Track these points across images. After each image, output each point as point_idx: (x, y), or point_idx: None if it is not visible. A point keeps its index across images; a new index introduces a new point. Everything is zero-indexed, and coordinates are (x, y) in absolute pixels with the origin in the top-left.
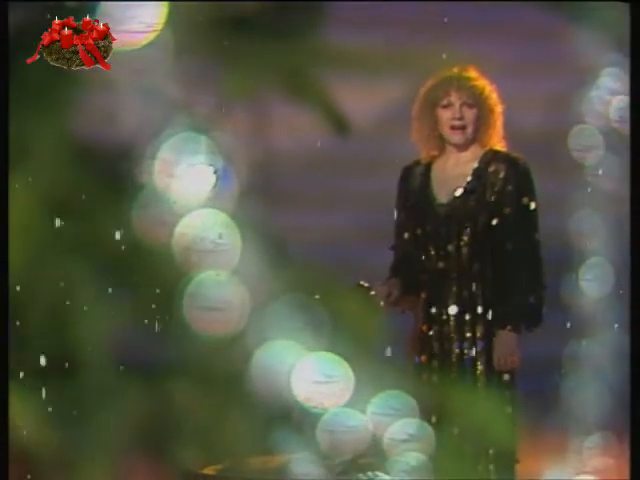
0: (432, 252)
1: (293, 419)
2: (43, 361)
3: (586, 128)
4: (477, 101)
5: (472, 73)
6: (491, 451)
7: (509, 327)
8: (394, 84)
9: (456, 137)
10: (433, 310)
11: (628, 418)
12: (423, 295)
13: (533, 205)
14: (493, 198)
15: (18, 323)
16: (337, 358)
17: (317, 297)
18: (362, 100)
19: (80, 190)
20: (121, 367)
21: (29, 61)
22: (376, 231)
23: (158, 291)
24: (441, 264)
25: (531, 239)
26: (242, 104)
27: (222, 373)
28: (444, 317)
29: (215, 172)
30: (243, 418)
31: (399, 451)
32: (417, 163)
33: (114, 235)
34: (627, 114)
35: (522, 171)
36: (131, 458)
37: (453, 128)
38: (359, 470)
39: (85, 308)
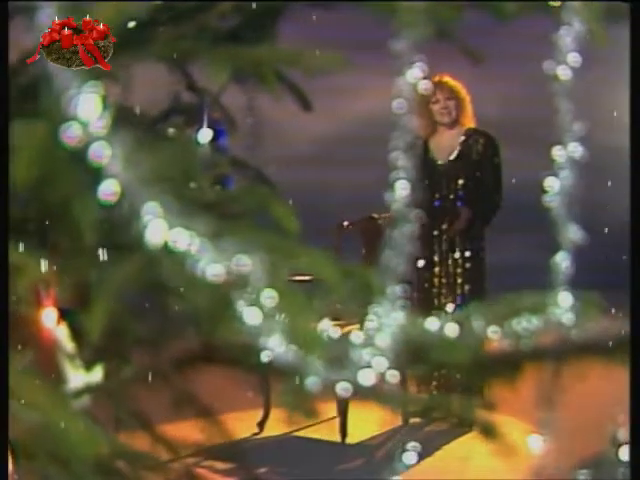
0: (436, 196)
1: None
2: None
3: (403, 97)
4: (454, 95)
5: (447, 78)
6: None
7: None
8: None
9: (446, 119)
10: (435, 233)
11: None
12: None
13: (498, 163)
14: (476, 159)
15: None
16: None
17: None
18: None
19: None
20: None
21: (29, 61)
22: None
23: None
24: (440, 203)
25: (498, 184)
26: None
27: None
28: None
29: (213, 131)
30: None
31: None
32: (417, 138)
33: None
34: (427, 86)
35: (493, 141)
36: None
37: (442, 114)
38: None
39: (81, 207)
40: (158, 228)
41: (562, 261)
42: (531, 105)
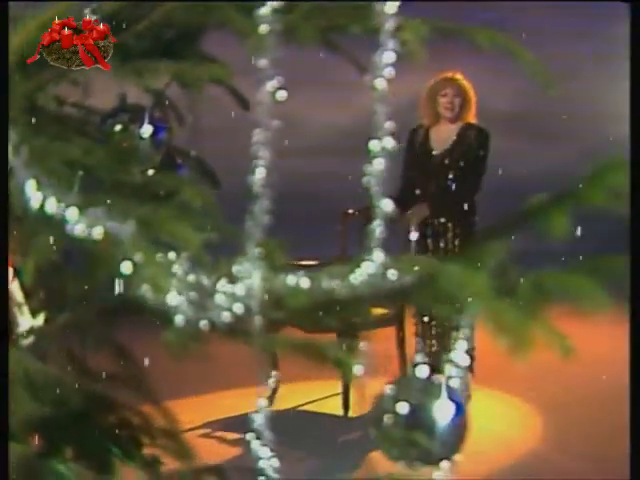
0: (430, 182)
1: None
2: None
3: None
4: (461, 93)
5: (459, 76)
6: None
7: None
8: None
9: (448, 114)
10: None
11: None
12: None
13: (483, 155)
14: (465, 150)
15: None
16: None
17: None
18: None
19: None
20: None
21: (29, 61)
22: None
23: None
24: (434, 188)
25: (480, 172)
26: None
27: None
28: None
29: (153, 127)
30: None
31: None
32: (420, 126)
33: None
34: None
35: (481, 135)
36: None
37: (447, 109)
38: None
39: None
40: (36, 200)
41: (377, 227)
42: None
